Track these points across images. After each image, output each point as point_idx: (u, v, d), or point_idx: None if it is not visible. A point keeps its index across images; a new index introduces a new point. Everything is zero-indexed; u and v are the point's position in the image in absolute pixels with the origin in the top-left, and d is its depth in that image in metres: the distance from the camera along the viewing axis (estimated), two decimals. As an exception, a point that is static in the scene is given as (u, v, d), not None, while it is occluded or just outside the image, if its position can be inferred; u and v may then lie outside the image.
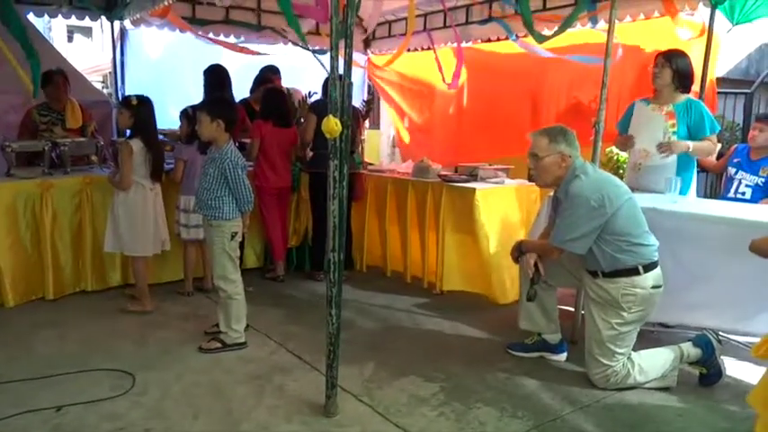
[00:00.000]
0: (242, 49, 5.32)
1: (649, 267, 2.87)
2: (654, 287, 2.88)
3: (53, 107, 4.67)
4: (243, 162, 3.32)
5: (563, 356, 3.32)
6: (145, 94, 3.88)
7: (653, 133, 3.68)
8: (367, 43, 6.88)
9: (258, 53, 5.50)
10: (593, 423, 2.65)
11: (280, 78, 5.25)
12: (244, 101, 5.19)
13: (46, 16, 5.54)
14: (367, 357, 3.27)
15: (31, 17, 5.35)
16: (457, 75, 5.29)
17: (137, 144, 3.70)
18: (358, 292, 4.44)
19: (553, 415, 2.71)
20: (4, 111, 5.00)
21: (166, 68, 5.89)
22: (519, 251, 3.21)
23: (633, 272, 2.85)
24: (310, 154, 4.62)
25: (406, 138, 6.81)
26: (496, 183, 4.43)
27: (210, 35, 5.68)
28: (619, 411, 2.77)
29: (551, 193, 3.29)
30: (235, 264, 3.33)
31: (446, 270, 4.36)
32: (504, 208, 4.31)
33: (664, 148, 3.60)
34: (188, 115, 3.91)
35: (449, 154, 5.83)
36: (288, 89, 5.05)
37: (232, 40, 5.85)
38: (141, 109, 3.74)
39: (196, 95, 4.86)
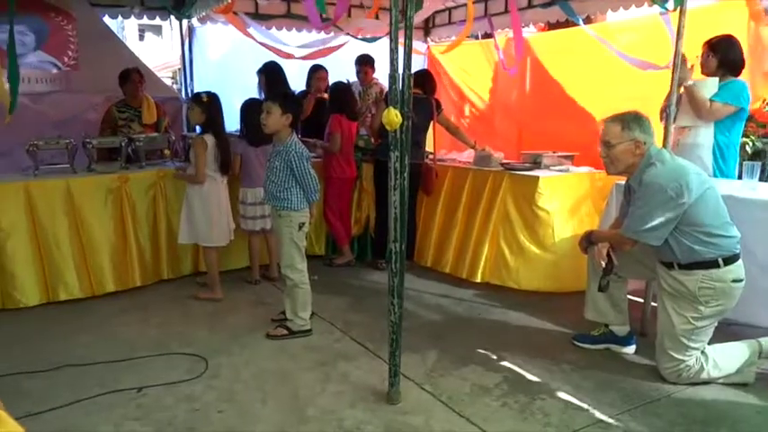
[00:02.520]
0: (288, 56, 5.38)
1: (730, 260, 2.73)
2: (735, 281, 2.74)
3: (130, 104, 4.93)
4: (307, 153, 3.40)
5: (632, 349, 3.23)
6: (212, 91, 4.03)
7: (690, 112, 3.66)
8: (427, 31, 6.85)
9: (306, 57, 5.51)
10: (663, 418, 2.57)
11: (327, 73, 5.38)
12: (303, 93, 5.34)
13: (119, 17, 5.83)
14: (429, 346, 3.30)
15: (106, 19, 5.65)
16: (517, 60, 5.17)
17: (210, 139, 3.85)
18: (420, 282, 4.46)
19: (620, 408, 2.64)
20: (84, 109, 5.31)
21: (231, 64, 6.07)
22: (588, 241, 3.13)
23: (712, 264, 2.72)
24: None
25: (467, 126, 6.75)
26: (561, 170, 4.33)
27: (273, 30, 5.80)
28: (691, 407, 2.67)
29: (622, 181, 3.18)
30: (302, 253, 3.42)
31: (509, 260, 4.30)
32: (569, 196, 4.21)
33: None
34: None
35: (511, 142, 5.74)
36: (349, 81, 5.11)
37: (294, 33, 5.97)
38: (211, 105, 3.89)
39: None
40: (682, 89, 3.59)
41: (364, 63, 5.50)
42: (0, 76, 3.90)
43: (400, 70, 2.45)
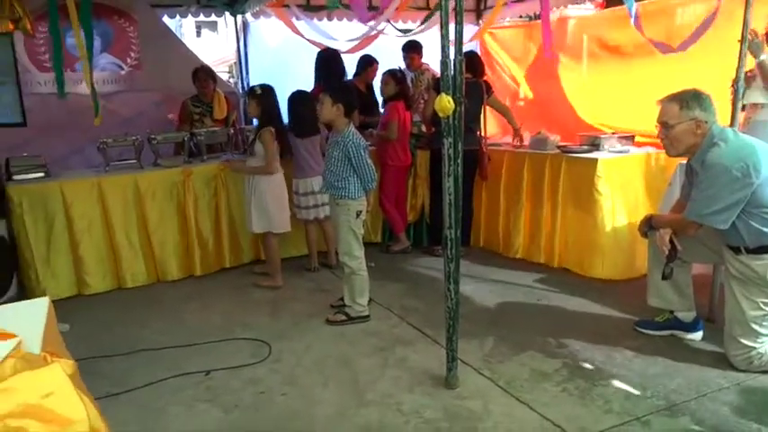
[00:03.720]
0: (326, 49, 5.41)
1: (803, 243, 2.59)
2: (808, 264, 2.60)
3: (203, 99, 5.11)
4: (364, 143, 3.44)
5: (698, 335, 3.12)
6: (267, 83, 4.12)
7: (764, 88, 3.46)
8: (479, 14, 6.74)
9: (349, 51, 5.52)
10: (732, 407, 2.48)
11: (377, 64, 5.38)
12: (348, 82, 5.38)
13: (178, 17, 6.03)
14: (486, 332, 3.30)
15: (165, 19, 5.86)
16: (547, 41, 4.99)
17: (272, 130, 3.94)
18: (476, 268, 4.44)
19: (686, 396, 2.57)
20: (147, 107, 5.55)
21: (286, 56, 6.16)
22: (648, 226, 3.04)
23: (783, 247, 2.59)
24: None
25: (521, 108, 6.62)
26: (621, 152, 4.20)
27: (325, 20, 5.86)
28: (762, 396, 2.57)
29: (684, 161, 3.06)
30: (359, 241, 3.47)
31: (567, 245, 4.23)
32: (629, 179, 4.09)
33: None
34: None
35: (568, 124, 5.59)
36: (401, 68, 5.11)
37: (345, 23, 6.00)
38: (265, 97, 3.98)
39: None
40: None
41: (410, 49, 5.48)
42: (90, 81, 4.16)
43: (452, 56, 2.44)
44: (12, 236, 3.88)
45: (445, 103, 2.42)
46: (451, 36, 2.45)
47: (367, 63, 5.31)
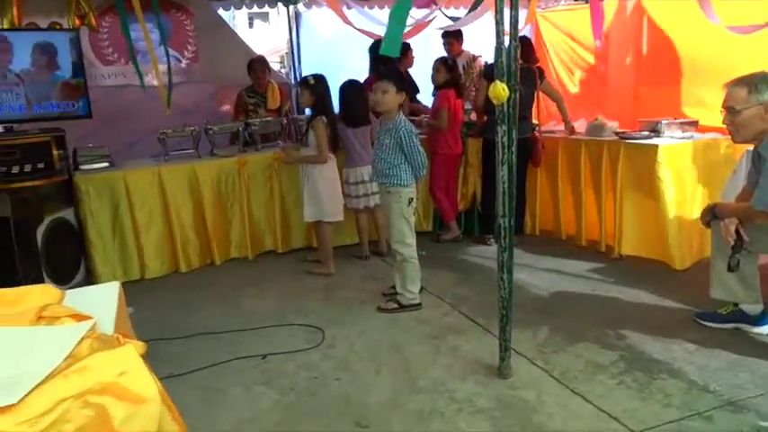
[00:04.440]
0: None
1: None
2: None
3: (257, 90, 5.22)
4: (416, 130, 3.43)
5: (765, 329, 2.98)
6: (319, 73, 4.16)
7: None
8: (531, -2, 6.57)
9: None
10: (804, 403, 2.37)
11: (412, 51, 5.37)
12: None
13: (232, 9, 6.16)
14: (540, 322, 3.25)
15: (220, 11, 5.99)
16: (597, 27, 4.80)
17: (324, 120, 3.98)
18: (530, 257, 4.38)
19: (752, 392, 2.47)
20: (204, 98, 5.71)
21: (337, 45, 6.21)
22: (712, 215, 2.91)
23: None
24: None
25: (577, 94, 6.44)
26: (683, 138, 4.04)
27: (376, 8, 5.85)
28: (837, 393, 2.44)
29: (751, 148, 2.92)
30: (411, 228, 3.48)
31: (624, 234, 4.11)
32: (691, 166, 3.94)
33: None
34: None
35: (626, 110, 5.41)
36: (448, 57, 5.06)
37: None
38: (318, 87, 4.02)
39: (365, 69, 5.10)
40: None
41: (450, 35, 5.41)
42: (159, 73, 4.32)
43: (506, 42, 2.40)
44: (79, 223, 4.09)
45: (500, 90, 2.39)
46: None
47: (403, 50, 5.28)
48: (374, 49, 4.93)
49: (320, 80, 4.06)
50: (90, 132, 4.78)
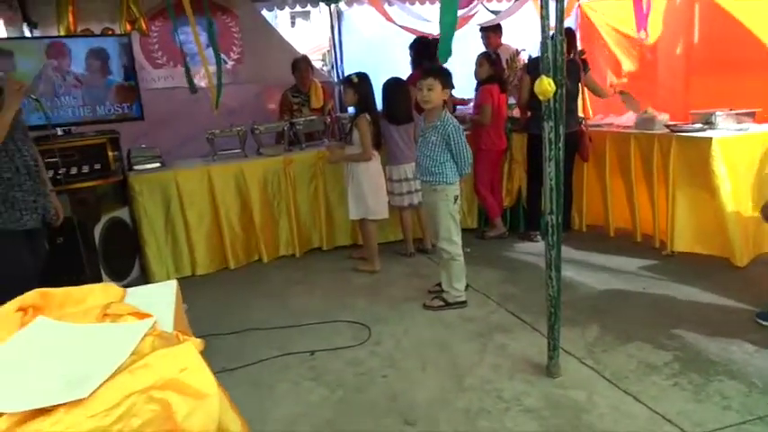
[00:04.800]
0: (427, 35, 5.34)
1: None
2: None
3: (301, 89, 5.29)
4: (461, 127, 3.41)
5: (831, 329, 2.85)
6: (362, 71, 4.18)
7: None
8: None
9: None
10: None
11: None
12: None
13: (275, 9, 6.24)
14: (589, 320, 3.19)
15: (264, 12, 6.09)
16: (640, 19, 4.63)
17: (368, 118, 4.00)
18: (578, 253, 4.30)
19: (818, 395, 2.37)
20: (249, 98, 5.80)
21: (380, 43, 6.21)
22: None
23: None
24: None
25: (625, 85, 6.26)
26: (739, 130, 3.88)
27: (417, 4, 5.83)
28: None
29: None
30: (457, 226, 3.46)
31: (677, 229, 3.99)
32: (748, 158, 3.78)
33: None
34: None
35: (676, 101, 5.23)
36: (492, 52, 5.00)
37: (438, 6, 5.93)
38: (362, 85, 4.04)
39: (407, 66, 5.08)
40: None
41: (488, 29, 5.34)
42: (209, 74, 4.44)
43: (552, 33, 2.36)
44: (133, 221, 4.23)
45: (546, 85, 2.34)
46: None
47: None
48: (415, 46, 4.91)
49: (363, 78, 4.07)
50: (141, 134, 4.93)
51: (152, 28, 5.47)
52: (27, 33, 5.05)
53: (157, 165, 4.44)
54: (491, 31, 5.37)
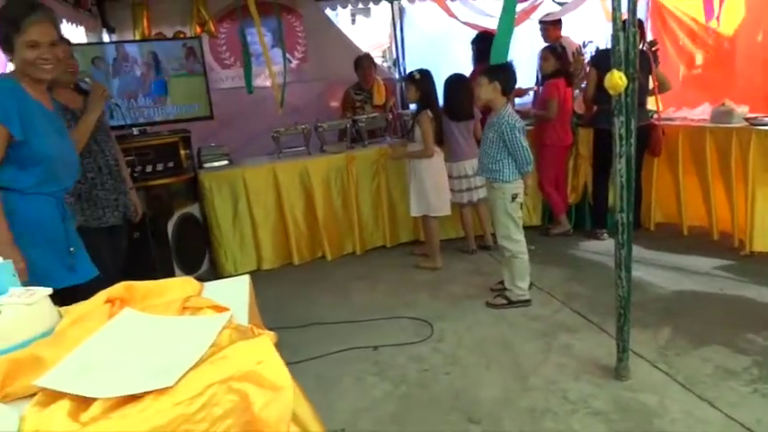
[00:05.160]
0: (490, 31, 5.24)
1: None
2: None
3: (363, 87, 5.34)
4: (520, 124, 3.34)
5: None
6: (424, 68, 4.17)
7: None
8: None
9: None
10: None
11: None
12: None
13: (338, 7, 6.32)
14: (661, 322, 3.08)
15: (327, 11, 6.18)
16: (709, 9, 4.36)
17: (430, 114, 4.01)
18: (648, 252, 4.14)
19: None
20: (313, 96, 5.92)
21: (442, 39, 6.17)
22: None
23: None
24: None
25: (697, 77, 5.96)
26: (829, 122, 3.63)
27: (479, 1, 5.75)
28: None
29: None
30: (517, 224, 3.41)
31: (757, 228, 3.77)
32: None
33: None
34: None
35: (756, 93, 4.94)
36: (558, 45, 4.88)
37: (500, 1, 5.84)
38: (424, 82, 4.03)
39: (469, 63, 5.04)
40: None
41: (545, 21, 5.18)
42: (273, 74, 4.57)
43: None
44: (204, 217, 4.40)
45: (617, 79, 2.28)
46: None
47: None
48: (478, 42, 4.85)
49: (425, 75, 4.06)
50: (210, 132, 5.11)
51: (220, 30, 5.66)
52: (106, 38, 5.34)
53: (226, 162, 4.59)
54: (550, 24, 5.23)
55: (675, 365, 2.65)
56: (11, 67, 2.19)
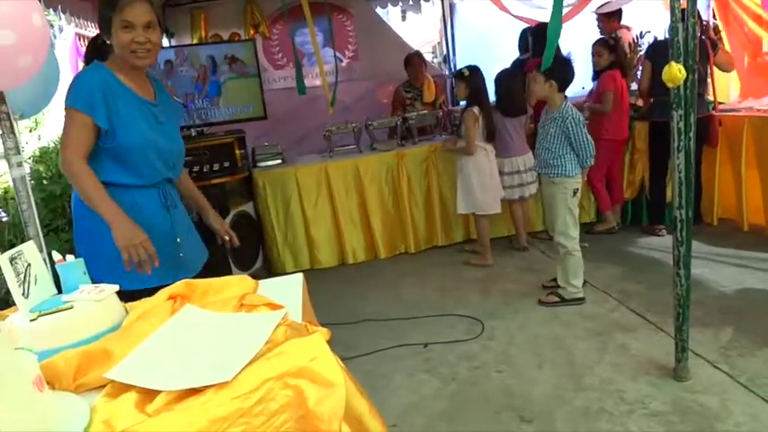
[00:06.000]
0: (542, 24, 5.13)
1: None
2: None
3: (414, 84, 5.36)
4: (582, 118, 3.30)
5: None
6: (474, 64, 4.14)
7: None
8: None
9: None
10: None
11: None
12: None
13: (388, 5, 6.35)
14: (722, 322, 2.96)
15: (378, 10, 6.22)
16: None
17: (477, 111, 3.98)
18: (709, 249, 3.99)
19: None
20: (363, 94, 5.98)
21: (493, 35, 6.11)
22: None
23: None
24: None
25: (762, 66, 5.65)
26: None
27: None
28: None
29: None
30: (575, 220, 3.35)
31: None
32: None
33: None
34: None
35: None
36: (616, 34, 4.74)
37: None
38: (473, 78, 4.00)
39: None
40: None
41: (599, 12, 5.02)
42: (324, 74, 4.66)
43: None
44: (258, 216, 4.52)
45: (675, 72, 2.20)
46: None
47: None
48: (535, 33, 4.74)
49: (475, 72, 4.04)
50: (263, 132, 5.25)
51: (273, 31, 5.79)
52: (165, 43, 5.55)
53: (279, 161, 4.69)
54: (605, 15, 5.08)
55: (738, 366, 2.55)
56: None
